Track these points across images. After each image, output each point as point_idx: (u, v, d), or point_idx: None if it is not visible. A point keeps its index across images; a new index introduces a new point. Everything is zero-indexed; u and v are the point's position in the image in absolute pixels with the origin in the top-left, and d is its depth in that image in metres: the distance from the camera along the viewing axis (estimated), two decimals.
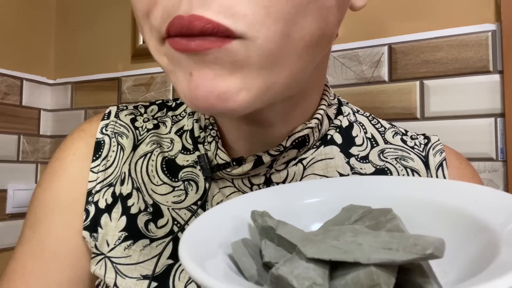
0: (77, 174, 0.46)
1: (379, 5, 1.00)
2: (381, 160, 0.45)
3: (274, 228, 0.25)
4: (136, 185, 0.46)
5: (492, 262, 0.20)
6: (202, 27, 0.26)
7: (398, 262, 0.19)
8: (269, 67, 0.28)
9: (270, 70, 0.29)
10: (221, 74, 0.28)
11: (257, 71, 0.28)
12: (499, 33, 0.89)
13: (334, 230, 0.22)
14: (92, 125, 0.49)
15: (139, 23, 0.32)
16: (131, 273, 0.43)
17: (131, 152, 0.47)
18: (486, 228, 0.24)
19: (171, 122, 0.49)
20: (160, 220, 0.44)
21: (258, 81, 0.29)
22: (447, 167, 0.45)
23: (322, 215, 0.30)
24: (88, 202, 0.45)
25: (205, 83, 0.28)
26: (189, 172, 0.45)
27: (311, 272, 0.20)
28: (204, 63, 0.28)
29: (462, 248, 0.25)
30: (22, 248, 0.46)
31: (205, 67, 0.28)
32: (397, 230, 0.24)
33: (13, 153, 1.38)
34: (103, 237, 0.44)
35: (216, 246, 0.24)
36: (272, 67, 0.29)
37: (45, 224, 0.45)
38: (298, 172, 0.43)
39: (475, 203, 0.26)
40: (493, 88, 0.89)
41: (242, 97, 0.29)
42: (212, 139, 0.43)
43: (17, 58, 1.41)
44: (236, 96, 0.28)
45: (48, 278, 0.44)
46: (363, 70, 1.02)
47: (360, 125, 0.47)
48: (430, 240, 0.19)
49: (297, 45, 0.29)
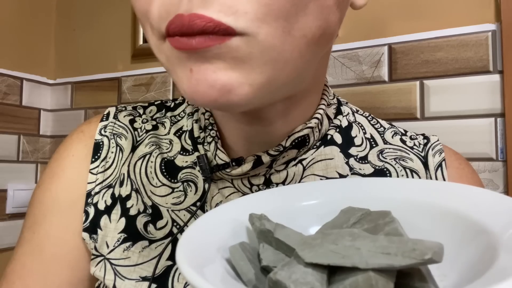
0: (76, 175, 0.46)
1: (379, 5, 1.00)
2: (380, 160, 0.45)
3: (272, 232, 0.25)
4: (135, 186, 0.45)
5: (490, 267, 0.20)
6: (203, 26, 0.26)
7: (396, 267, 0.19)
8: (271, 63, 0.29)
9: (272, 66, 0.29)
10: (222, 68, 0.28)
11: (259, 67, 0.28)
12: (499, 33, 0.89)
13: (333, 234, 0.22)
14: (91, 126, 0.49)
15: (140, 22, 0.32)
16: (130, 275, 0.43)
17: (130, 153, 0.47)
18: (485, 231, 0.24)
19: (170, 123, 0.49)
20: (159, 222, 0.44)
21: (260, 77, 0.29)
22: (447, 168, 0.44)
23: (320, 218, 0.30)
24: (88, 204, 0.45)
25: (206, 78, 0.28)
26: (188, 173, 0.45)
27: (309, 277, 0.20)
28: (205, 59, 0.28)
29: (461, 251, 0.25)
30: (21, 249, 0.46)
31: (205, 62, 0.28)
32: (395, 233, 0.23)
33: (13, 153, 1.38)
34: (102, 239, 0.44)
35: (214, 250, 0.24)
36: (274, 63, 0.29)
37: (44, 225, 0.45)
38: (298, 173, 0.43)
39: (474, 206, 0.26)
40: (493, 88, 0.89)
41: (244, 91, 0.29)
42: (211, 139, 0.43)
43: (17, 58, 1.41)
44: (238, 90, 0.28)
45: (47, 280, 0.44)
46: (363, 70, 1.02)
47: (359, 126, 0.47)
48: (429, 245, 0.19)
49: (299, 42, 0.29)
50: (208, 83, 0.28)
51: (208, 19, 0.26)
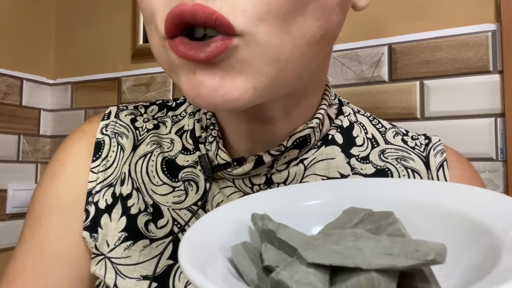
0: (77, 174, 0.46)
1: (379, 5, 1.00)
2: (381, 160, 0.45)
3: (275, 231, 0.25)
4: (136, 185, 0.45)
5: (493, 269, 0.20)
6: (205, 17, 0.26)
7: (399, 267, 0.19)
8: (273, 63, 0.29)
9: (275, 65, 0.29)
10: (229, 75, 0.28)
11: (262, 68, 0.28)
12: (499, 33, 0.89)
13: (335, 234, 0.22)
14: (92, 125, 0.49)
15: (145, 22, 0.32)
16: (131, 274, 0.43)
17: (131, 152, 0.47)
18: (488, 232, 0.24)
19: (171, 122, 0.49)
20: (160, 221, 0.44)
21: (264, 78, 0.29)
22: (448, 168, 0.44)
23: (322, 218, 0.30)
24: (88, 202, 0.45)
25: (210, 81, 0.28)
26: (189, 173, 0.45)
27: (312, 277, 0.20)
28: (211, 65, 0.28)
29: (464, 252, 0.24)
30: (22, 248, 0.46)
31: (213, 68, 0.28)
32: (398, 234, 0.23)
33: (13, 153, 1.38)
34: (103, 238, 0.44)
35: (216, 250, 0.24)
36: (276, 62, 0.29)
37: (45, 224, 0.45)
38: (299, 172, 0.43)
39: (477, 207, 0.26)
40: (493, 88, 0.89)
41: (248, 95, 0.29)
42: (213, 139, 0.43)
43: (17, 58, 1.41)
44: (243, 95, 0.29)
45: (48, 278, 0.44)
46: (363, 70, 1.02)
47: (360, 126, 0.47)
48: (432, 246, 0.19)
49: (298, 42, 0.29)
50: (211, 87, 0.28)
51: (211, 11, 0.26)
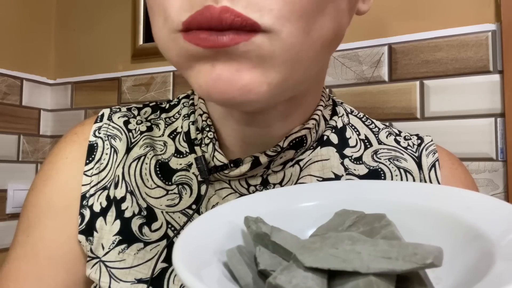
0: (70, 177, 0.46)
1: (379, 5, 1.00)
2: (374, 161, 0.45)
3: (269, 235, 0.25)
4: (129, 188, 0.45)
5: (487, 274, 0.20)
6: (232, 20, 0.26)
7: (398, 271, 0.19)
8: (289, 62, 0.29)
9: (290, 65, 0.29)
10: (246, 67, 0.28)
11: (278, 66, 0.29)
12: (499, 33, 0.88)
13: (332, 237, 0.22)
14: (84, 128, 0.48)
15: (151, 13, 0.31)
16: (126, 277, 0.42)
17: (124, 155, 0.47)
18: (482, 237, 0.24)
19: (164, 124, 0.48)
20: (154, 224, 0.43)
21: (278, 75, 0.29)
22: (440, 168, 0.45)
23: (314, 220, 0.30)
24: (83, 206, 0.45)
25: (228, 75, 0.28)
26: (182, 176, 0.45)
27: (310, 282, 0.20)
28: (231, 56, 0.28)
29: (456, 255, 0.24)
30: (15, 252, 0.45)
31: (230, 60, 0.28)
32: (392, 236, 0.23)
33: (13, 153, 1.38)
34: (98, 241, 0.44)
35: (211, 254, 0.24)
36: (292, 62, 0.29)
37: (38, 228, 0.45)
38: (295, 173, 0.43)
39: (468, 210, 0.26)
40: (493, 88, 0.89)
41: (262, 90, 0.29)
42: (209, 141, 0.43)
43: (17, 58, 1.41)
44: (257, 89, 0.29)
45: (42, 282, 0.44)
46: (363, 70, 1.01)
47: (352, 128, 0.47)
48: (429, 249, 0.19)
49: (315, 43, 0.30)
50: (229, 81, 0.28)
51: (237, 14, 0.26)
